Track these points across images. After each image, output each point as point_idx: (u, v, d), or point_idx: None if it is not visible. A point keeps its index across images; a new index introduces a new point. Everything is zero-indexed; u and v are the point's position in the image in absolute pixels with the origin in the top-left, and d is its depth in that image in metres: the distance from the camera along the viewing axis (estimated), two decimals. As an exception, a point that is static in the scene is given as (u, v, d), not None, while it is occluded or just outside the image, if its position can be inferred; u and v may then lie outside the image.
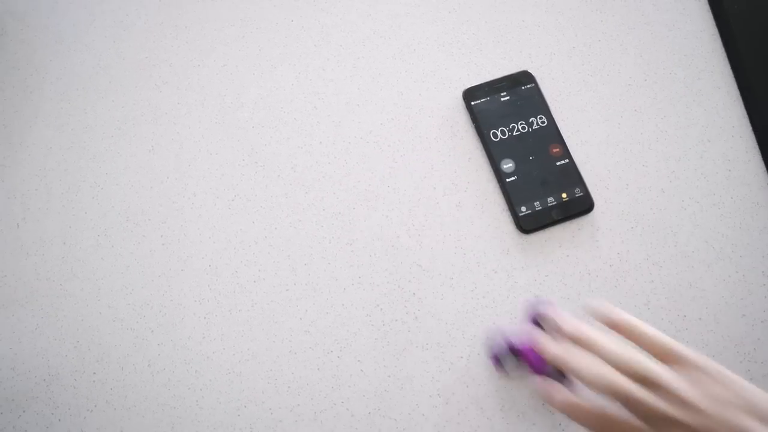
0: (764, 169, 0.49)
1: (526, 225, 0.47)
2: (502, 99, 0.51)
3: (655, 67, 0.52)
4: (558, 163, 0.49)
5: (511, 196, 0.48)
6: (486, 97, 0.51)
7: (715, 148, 0.49)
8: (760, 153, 0.49)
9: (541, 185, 0.48)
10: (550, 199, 0.48)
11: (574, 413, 0.30)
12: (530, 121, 0.50)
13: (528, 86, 0.51)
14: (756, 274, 0.46)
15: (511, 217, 0.48)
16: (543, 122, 0.50)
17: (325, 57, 0.54)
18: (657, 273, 0.46)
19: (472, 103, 0.51)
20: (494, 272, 0.47)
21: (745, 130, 0.50)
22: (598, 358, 0.29)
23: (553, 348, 0.31)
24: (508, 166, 0.49)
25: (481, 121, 0.50)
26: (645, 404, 0.27)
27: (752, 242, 0.47)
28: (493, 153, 0.49)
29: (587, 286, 0.46)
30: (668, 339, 0.29)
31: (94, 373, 0.47)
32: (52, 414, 0.46)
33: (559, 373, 0.38)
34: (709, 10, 0.53)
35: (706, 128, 0.50)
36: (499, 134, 0.49)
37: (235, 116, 0.53)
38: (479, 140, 0.50)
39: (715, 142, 0.49)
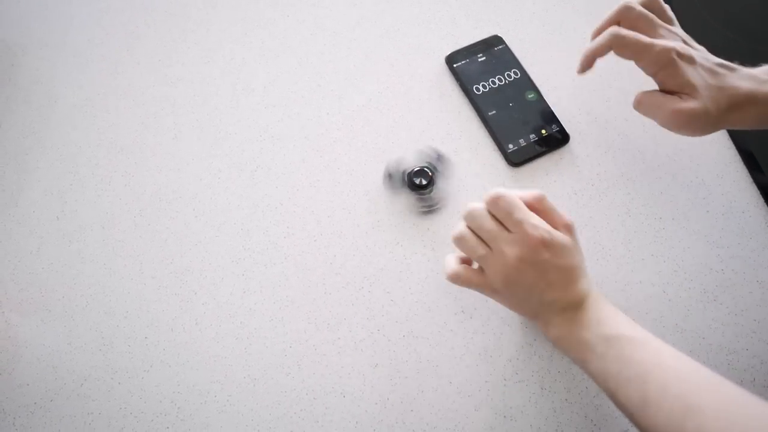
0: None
1: (515, 159, 0.54)
2: (479, 60, 0.59)
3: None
4: (534, 107, 0.56)
5: (499, 137, 0.55)
6: (465, 59, 0.59)
7: (663, 81, 0.58)
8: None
9: (523, 125, 0.56)
10: (532, 136, 0.55)
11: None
12: (506, 75, 0.58)
13: (499, 47, 0.59)
14: (712, 177, 0.54)
15: (501, 154, 0.55)
16: (517, 75, 0.58)
17: (322, 43, 0.61)
18: (632, 186, 0.54)
19: (454, 65, 0.58)
20: (494, 203, 0.53)
21: (684, 64, 0.59)
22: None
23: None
24: (492, 113, 0.56)
25: (464, 80, 0.58)
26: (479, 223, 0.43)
27: (704, 152, 0.55)
28: (479, 104, 0.57)
29: (575, 203, 0.53)
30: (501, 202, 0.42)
31: (146, 338, 0.51)
32: (112, 378, 0.49)
33: None
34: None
35: (653, 65, 0.59)
36: (481, 89, 0.57)
37: (248, 100, 0.59)
38: (465, 96, 0.58)
39: (662, 76, 0.58)
